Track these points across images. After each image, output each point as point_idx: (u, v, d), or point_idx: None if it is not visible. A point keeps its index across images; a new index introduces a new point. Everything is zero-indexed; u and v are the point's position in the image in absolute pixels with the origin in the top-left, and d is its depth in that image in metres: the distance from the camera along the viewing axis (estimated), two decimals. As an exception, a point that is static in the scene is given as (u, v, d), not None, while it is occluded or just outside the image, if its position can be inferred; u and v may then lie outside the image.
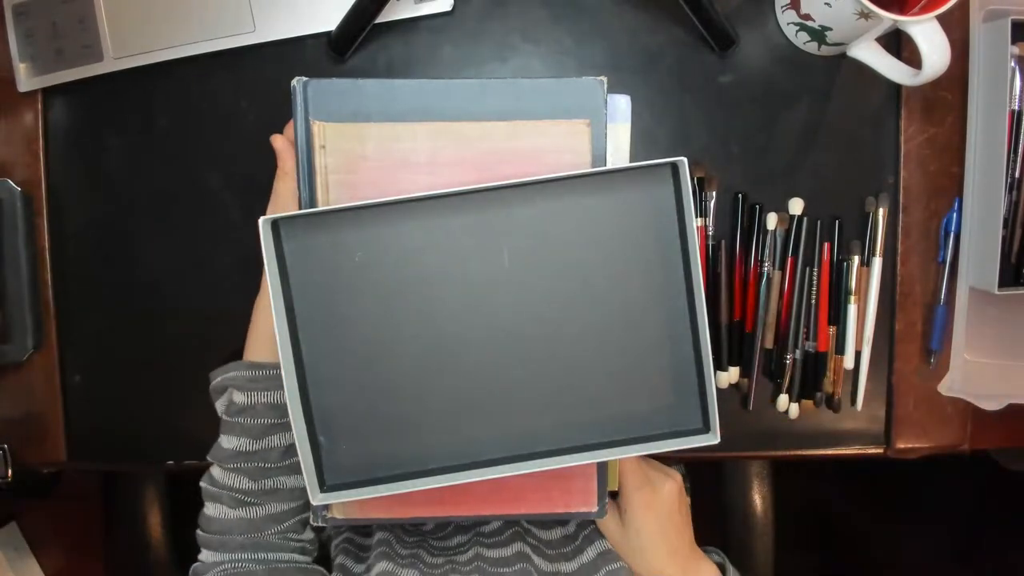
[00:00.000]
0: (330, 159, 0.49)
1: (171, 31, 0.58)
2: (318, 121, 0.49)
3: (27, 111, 0.61)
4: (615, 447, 0.49)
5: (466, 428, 0.50)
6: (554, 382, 0.50)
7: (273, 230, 0.47)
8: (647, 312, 0.50)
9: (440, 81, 0.50)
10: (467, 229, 0.49)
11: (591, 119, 0.50)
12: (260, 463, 0.53)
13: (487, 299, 0.49)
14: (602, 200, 0.49)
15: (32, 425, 0.63)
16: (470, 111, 0.50)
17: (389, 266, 0.49)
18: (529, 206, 0.49)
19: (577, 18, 0.60)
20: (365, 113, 0.49)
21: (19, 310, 0.61)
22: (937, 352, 0.62)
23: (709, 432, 0.49)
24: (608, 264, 0.49)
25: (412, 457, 0.50)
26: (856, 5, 0.50)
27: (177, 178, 0.61)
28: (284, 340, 0.46)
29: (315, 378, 0.49)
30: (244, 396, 0.53)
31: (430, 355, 0.49)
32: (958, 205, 0.60)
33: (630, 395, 0.50)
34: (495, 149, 0.50)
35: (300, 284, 0.48)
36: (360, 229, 0.48)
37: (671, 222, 0.49)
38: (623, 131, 0.57)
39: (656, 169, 0.48)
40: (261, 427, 0.53)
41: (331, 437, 0.49)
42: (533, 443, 0.50)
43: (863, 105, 0.61)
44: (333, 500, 0.48)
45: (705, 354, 0.48)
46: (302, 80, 0.49)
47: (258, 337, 0.54)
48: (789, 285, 0.61)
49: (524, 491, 0.53)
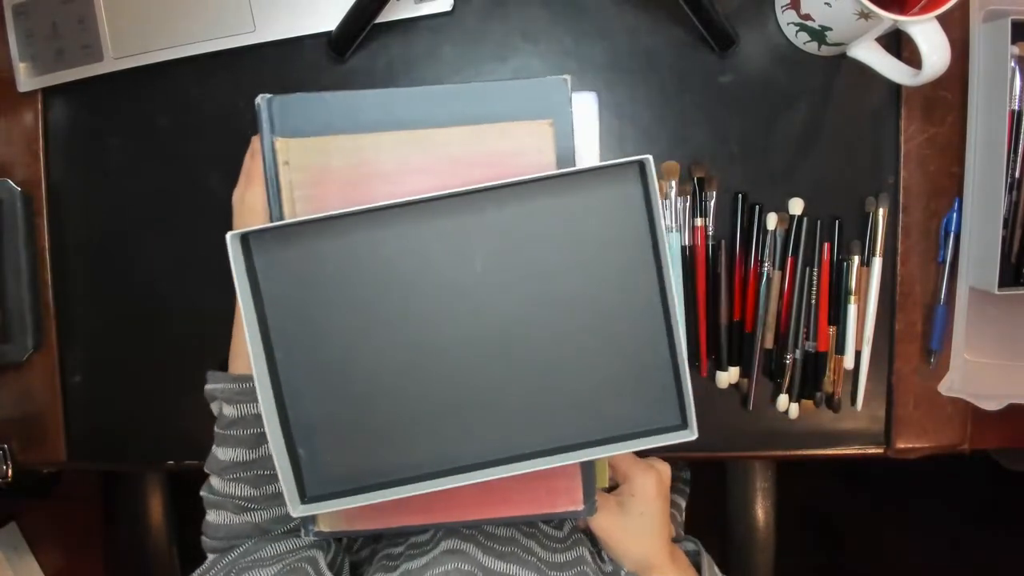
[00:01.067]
0: (295, 175, 0.50)
1: (171, 31, 0.58)
2: (280, 137, 0.49)
3: (27, 111, 0.61)
4: (596, 447, 0.49)
5: (446, 434, 0.50)
6: (532, 384, 0.50)
7: (243, 244, 0.47)
8: (621, 311, 0.50)
9: (404, 89, 0.51)
10: (439, 235, 0.49)
11: (555, 118, 0.50)
12: (259, 471, 0.53)
13: (462, 304, 0.49)
14: (572, 201, 0.49)
15: (32, 425, 0.63)
16: (437, 118, 0.50)
17: (362, 275, 0.49)
18: (499, 210, 0.49)
19: (577, 18, 0.60)
20: (333, 126, 0.50)
21: (19, 310, 0.61)
22: (937, 352, 0.62)
23: (687, 428, 0.49)
24: (581, 265, 0.50)
25: (393, 465, 0.50)
26: (856, 5, 0.50)
27: (177, 178, 0.61)
28: (257, 353, 0.46)
29: (291, 390, 0.49)
30: (233, 409, 0.53)
31: (407, 362, 0.49)
32: (958, 205, 0.60)
33: (608, 394, 0.50)
34: (461, 154, 0.50)
35: (273, 297, 0.48)
36: (331, 240, 0.48)
37: (642, 220, 0.49)
38: (591, 128, 0.57)
39: (623, 168, 0.48)
40: (254, 437, 0.53)
41: (310, 448, 0.49)
42: (514, 446, 0.50)
43: (863, 105, 0.61)
44: (314, 512, 0.47)
45: (680, 351, 0.48)
46: (266, 97, 0.49)
47: (240, 351, 0.54)
48: (789, 285, 0.61)
49: (510, 493, 0.53)
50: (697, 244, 0.60)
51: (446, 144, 0.50)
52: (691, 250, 0.60)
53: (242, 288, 0.46)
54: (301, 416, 0.49)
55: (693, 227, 0.60)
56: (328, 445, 0.50)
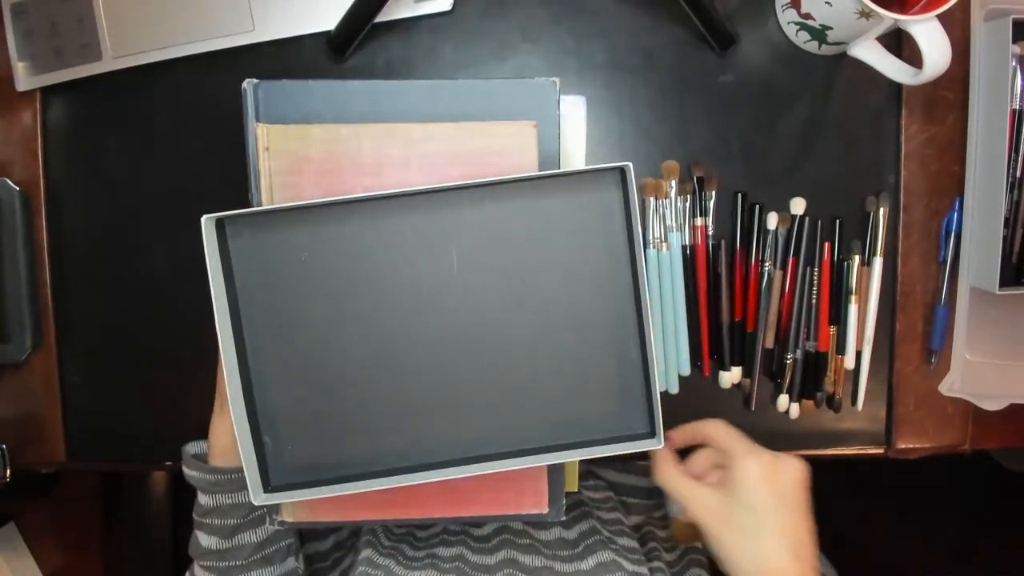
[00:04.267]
0: (274, 161, 0.50)
1: (170, 30, 0.58)
2: (261, 123, 0.49)
3: (26, 110, 0.61)
4: (563, 450, 0.49)
5: (414, 430, 0.50)
6: (502, 385, 0.50)
7: (218, 228, 0.47)
8: (595, 317, 0.50)
9: (391, 82, 0.51)
10: (416, 230, 0.49)
11: (540, 120, 0.50)
12: (232, 561, 0.55)
13: (435, 301, 0.49)
14: (551, 204, 0.49)
15: (31, 425, 0.63)
16: (422, 112, 0.50)
17: (337, 266, 0.49)
18: (478, 208, 0.49)
19: (577, 18, 0.60)
20: (317, 115, 0.50)
21: (18, 310, 0.61)
22: (938, 352, 0.62)
23: (654, 437, 0.49)
24: (557, 268, 0.49)
25: (359, 458, 0.50)
26: (857, 4, 0.50)
27: (176, 178, 0.61)
28: (227, 339, 0.46)
29: (260, 378, 0.49)
30: (209, 499, 0.54)
31: (378, 356, 0.49)
32: (959, 205, 0.60)
33: (578, 399, 0.50)
34: (440, 150, 0.50)
35: (245, 283, 0.48)
36: (307, 229, 0.48)
37: (620, 227, 0.49)
38: (578, 132, 0.57)
39: (604, 174, 0.48)
40: (229, 527, 0.54)
41: (276, 437, 0.49)
42: (482, 445, 0.50)
43: (864, 105, 0.61)
44: (276, 500, 0.47)
45: (651, 359, 0.48)
46: (252, 82, 0.49)
47: (218, 451, 0.55)
48: (790, 285, 0.61)
49: (476, 492, 0.53)
50: (697, 244, 0.60)
51: (427, 139, 0.50)
52: (691, 250, 0.60)
53: (214, 272, 0.46)
54: (268, 404, 0.49)
55: (693, 227, 0.60)
56: (294, 435, 0.50)
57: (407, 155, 0.50)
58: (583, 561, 0.57)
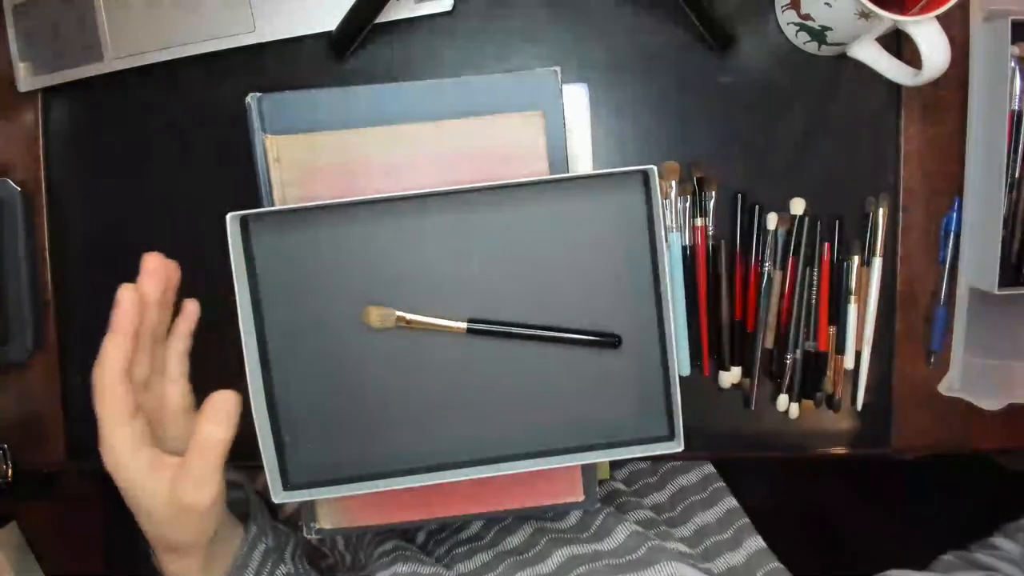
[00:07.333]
0: (285, 172, 0.50)
1: (171, 31, 0.58)
2: (269, 135, 0.49)
3: (27, 111, 0.61)
4: (583, 452, 0.49)
5: (435, 430, 0.50)
6: (523, 386, 0.50)
7: (242, 228, 0.47)
8: (615, 319, 0.50)
9: (394, 85, 0.51)
10: (437, 231, 0.49)
11: (545, 110, 0.50)
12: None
13: (457, 301, 0.49)
14: (572, 205, 0.49)
15: (32, 425, 0.63)
16: (427, 112, 0.50)
17: (359, 267, 0.49)
18: (498, 210, 0.49)
19: (577, 18, 0.60)
20: (323, 123, 0.50)
21: (19, 310, 0.61)
22: (937, 352, 0.62)
23: (673, 440, 0.49)
24: (578, 270, 0.50)
25: (378, 458, 0.50)
26: (856, 5, 0.50)
27: (177, 178, 0.61)
28: (250, 337, 0.46)
29: (281, 377, 0.49)
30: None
31: (399, 356, 0.50)
32: (958, 205, 0.60)
33: (597, 401, 0.51)
34: (450, 148, 0.50)
35: (268, 282, 0.49)
36: (330, 229, 0.49)
37: (642, 230, 0.49)
38: (582, 119, 0.57)
39: (626, 176, 0.48)
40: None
41: (296, 436, 0.49)
42: (503, 446, 0.50)
43: (863, 105, 0.61)
44: (295, 499, 0.47)
45: (672, 362, 0.48)
46: (256, 96, 0.49)
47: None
48: (790, 285, 0.61)
49: (510, 487, 0.53)
50: (697, 244, 0.60)
51: (436, 138, 0.50)
52: (691, 250, 0.60)
53: (238, 270, 0.46)
54: (288, 402, 0.49)
55: (693, 227, 0.60)
56: (314, 433, 0.50)
57: (417, 155, 0.50)
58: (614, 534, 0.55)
